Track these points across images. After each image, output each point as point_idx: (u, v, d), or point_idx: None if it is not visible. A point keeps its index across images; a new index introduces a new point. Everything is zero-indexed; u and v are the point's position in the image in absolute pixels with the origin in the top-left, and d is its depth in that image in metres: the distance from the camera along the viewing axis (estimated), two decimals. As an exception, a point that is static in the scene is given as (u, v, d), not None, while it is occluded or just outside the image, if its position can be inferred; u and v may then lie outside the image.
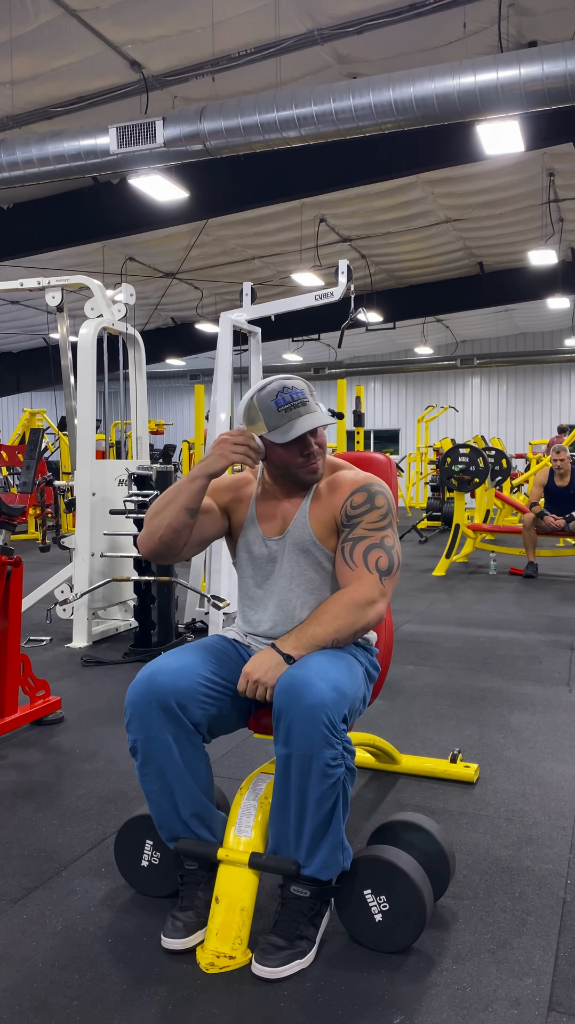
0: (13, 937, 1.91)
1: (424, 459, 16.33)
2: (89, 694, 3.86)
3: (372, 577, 1.93)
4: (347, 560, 1.96)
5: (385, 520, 1.99)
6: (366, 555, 1.95)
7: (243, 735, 2.13)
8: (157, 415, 22.96)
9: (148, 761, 1.87)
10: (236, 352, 5.80)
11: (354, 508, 1.99)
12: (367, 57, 7.16)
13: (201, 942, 1.84)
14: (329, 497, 2.03)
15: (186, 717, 1.85)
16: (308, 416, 1.94)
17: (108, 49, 6.86)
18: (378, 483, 2.04)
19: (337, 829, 1.79)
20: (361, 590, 1.92)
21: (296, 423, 1.92)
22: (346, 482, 2.03)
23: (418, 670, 4.23)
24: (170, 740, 1.85)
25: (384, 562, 1.95)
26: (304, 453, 1.97)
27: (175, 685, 1.84)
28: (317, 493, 2.05)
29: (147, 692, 1.84)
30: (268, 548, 2.06)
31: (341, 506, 2.00)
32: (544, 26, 6.91)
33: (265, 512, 2.08)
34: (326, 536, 2.02)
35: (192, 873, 1.94)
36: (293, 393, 1.95)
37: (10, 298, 13.78)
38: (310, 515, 2.02)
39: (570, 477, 7.53)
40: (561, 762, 2.96)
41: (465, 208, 11.29)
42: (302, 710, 1.71)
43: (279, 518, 2.06)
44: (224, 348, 5.63)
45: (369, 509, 1.98)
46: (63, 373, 5.58)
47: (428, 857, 1.94)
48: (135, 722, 1.86)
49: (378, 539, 1.97)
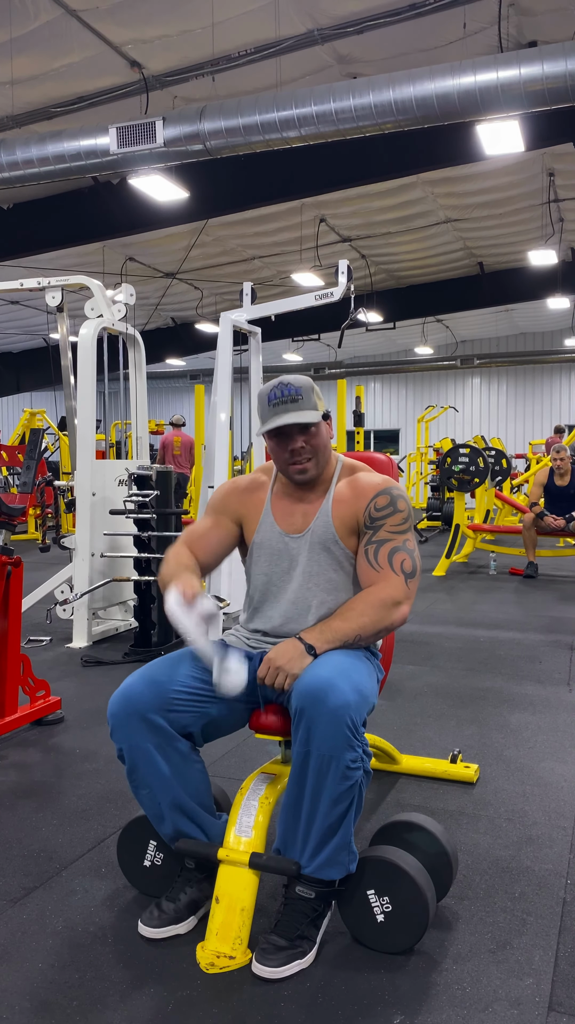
0: (13, 937, 1.91)
1: (424, 459, 16.31)
2: (89, 694, 3.86)
3: (398, 579, 1.94)
4: (372, 562, 1.96)
5: (406, 524, 2.01)
6: (391, 557, 1.95)
7: (243, 735, 2.12)
8: (157, 415, 22.93)
9: (134, 768, 1.89)
10: (236, 352, 5.81)
11: (378, 511, 1.99)
12: (367, 57, 7.16)
13: (175, 935, 1.87)
14: (352, 498, 2.03)
15: (169, 725, 1.86)
16: (291, 414, 1.95)
17: (108, 49, 6.86)
18: (398, 487, 2.06)
19: (346, 831, 1.79)
20: (388, 590, 1.92)
21: (278, 418, 1.94)
22: (368, 485, 2.04)
23: (418, 670, 4.23)
24: (152, 748, 1.86)
25: (408, 564, 1.96)
26: (288, 450, 1.97)
27: (151, 697, 1.85)
28: (338, 493, 2.05)
29: (125, 705, 1.87)
30: (286, 545, 2.05)
31: (365, 508, 2.00)
32: (544, 26, 6.91)
33: (283, 510, 2.08)
34: (346, 536, 2.02)
35: (187, 871, 1.96)
36: (287, 389, 1.96)
37: (10, 298, 13.78)
38: (333, 513, 2.03)
39: (570, 477, 7.53)
40: (561, 762, 2.96)
41: (465, 208, 11.29)
42: (326, 711, 1.71)
43: (299, 515, 2.06)
44: (224, 348, 5.63)
45: (392, 512, 1.99)
46: (63, 373, 5.57)
47: (431, 858, 1.94)
48: (117, 732, 1.88)
49: (401, 542, 1.98)
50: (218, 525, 2.12)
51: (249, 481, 2.17)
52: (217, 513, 2.15)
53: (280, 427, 1.95)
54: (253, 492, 2.14)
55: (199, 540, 2.12)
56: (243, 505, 2.13)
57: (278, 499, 2.10)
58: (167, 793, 1.89)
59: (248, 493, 2.14)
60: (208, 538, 2.11)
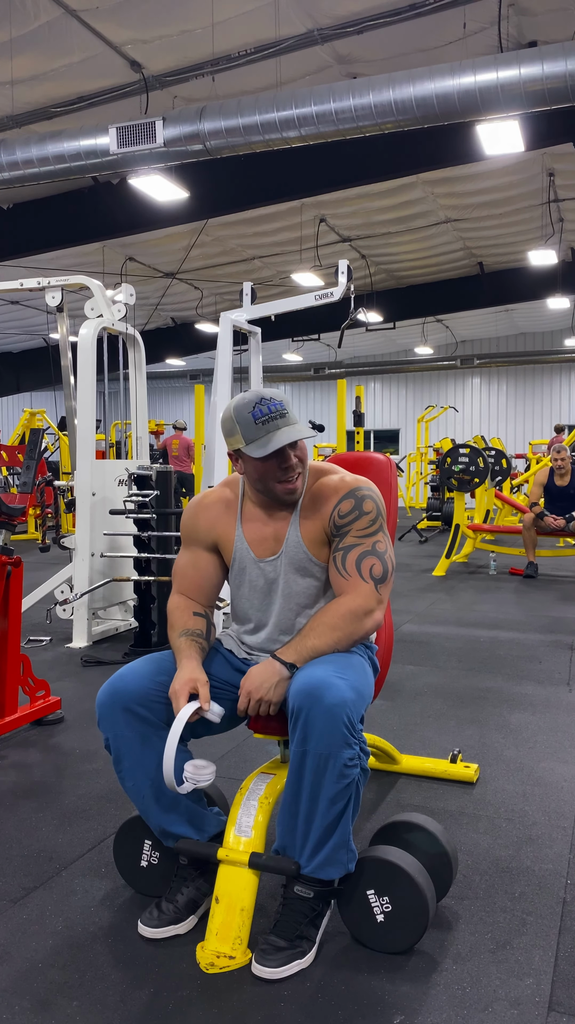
0: (13, 937, 1.91)
1: (424, 459, 16.33)
2: (89, 694, 3.86)
3: (367, 586, 1.90)
4: (340, 569, 1.93)
5: (375, 525, 1.95)
6: (359, 564, 1.91)
7: (243, 735, 2.12)
8: (157, 415, 22.96)
9: (119, 758, 1.91)
10: (236, 352, 5.80)
11: (342, 517, 1.94)
12: (367, 57, 7.16)
13: (174, 935, 1.88)
14: (315, 510, 1.97)
15: (154, 717, 1.88)
16: (287, 429, 1.86)
17: (108, 49, 6.86)
18: (365, 486, 1.98)
19: (345, 830, 1.79)
20: (358, 600, 1.89)
21: (274, 436, 1.85)
22: (330, 490, 1.97)
23: (418, 670, 4.23)
24: (137, 738, 1.88)
25: (378, 569, 1.92)
26: (283, 467, 1.89)
27: (136, 689, 1.88)
28: (303, 507, 1.99)
29: (111, 696, 1.88)
30: (263, 571, 2.02)
31: (329, 516, 1.95)
32: (544, 26, 6.91)
33: (255, 534, 2.02)
34: (318, 550, 1.98)
35: (182, 869, 1.96)
36: (271, 405, 1.87)
37: (10, 298, 13.78)
38: (302, 533, 1.98)
39: (570, 477, 7.53)
40: (561, 762, 2.96)
41: (465, 208, 11.29)
42: (323, 709, 1.70)
43: (270, 539, 2.00)
44: (224, 348, 5.63)
45: (357, 516, 1.94)
46: (63, 373, 5.57)
47: (431, 858, 1.94)
48: (103, 722, 1.90)
49: (370, 545, 1.93)
50: (198, 560, 2.07)
51: (215, 499, 2.09)
52: (191, 543, 2.09)
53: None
54: (221, 514, 2.06)
55: (190, 585, 2.08)
56: (213, 529, 2.06)
57: (248, 522, 2.03)
58: (151, 784, 1.89)
59: (217, 515, 2.06)
60: (195, 579, 2.07)
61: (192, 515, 2.10)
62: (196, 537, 2.08)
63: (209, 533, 2.07)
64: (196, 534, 2.08)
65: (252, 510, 2.03)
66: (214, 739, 1.99)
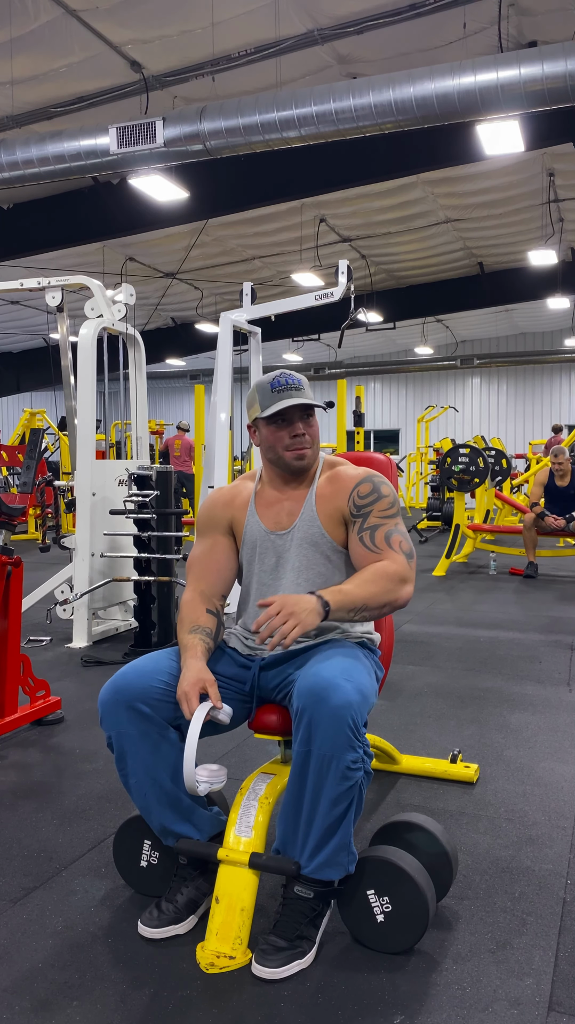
0: (13, 937, 1.91)
1: (424, 459, 16.33)
2: (89, 694, 3.86)
3: (401, 556, 1.95)
4: (369, 546, 1.96)
5: (394, 508, 2.02)
6: (388, 538, 1.96)
7: (243, 735, 2.12)
8: (157, 415, 22.96)
9: (122, 756, 1.91)
10: (236, 352, 5.81)
11: (362, 498, 2.00)
12: (367, 57, 7.16)
13: (174, 935, 1.88)
14: (333, 491, 2.04)
15: (157, 715, 1.88)
16: (296, 397, 1.99)
17: (108, 49, 6.86)
18: (379, 475, 2.07)
19: (346, 832, 1.79)
20: (394, 565, 1.92)
21: (284, 401, 1.98)
22: (347, 476, 2.05)
23: (418, 670, 4.23)
24: (139, 736, 1.88)
25: (407, 545, 1.98)
26: (292, 435, 2.00)
27: (139, 687, 1.88)
28: (320, 488, 2.06)
29: (114, 694, 1.89)
30: (273, 543, 2.06)
31: (348, 498, 2.01)
32: (544, 26, 6.91)
33: (267, 509, 2.09)
34: (333, 529, 2.03)
35: (182, 868, 1.96)
36: (289, 379, 2.01)
37: (10, 298, 13.78)
38: (317, 509, 2.04)
39: (570, 477, 7.53)
40: (561, 762, 2.96)
41: (465, 208, 11.29)
42: (328, 711, 1.70)
43: (283, 514, 2.07)
44: (224, 348, 5.63)
45: (378, 498, 2.00)
46: (63, 373, 5.58)
47: (431, 858, 1.94)
48: (106, 720, 1.91)
49: (392, 525, 1.99)
50: (215, 545, 2.12)
51: (230, 489, 2.19)
52: (209, 531, 2.15)
53: (283, 411, 1.99)
54: (236, 497, 2.16)
55: (204, 571, 2.10)
56: (229, 511, 2.14)
57: (262, 499, 2.12)
58: (154, 782, 1.89)
59: (232, 499, 2.16)
60: (211, 564, 2.11)
61: (210, 504, 2.19)
62: (213, 523, 2.15)
63: (225, 514, 2.14)
64: (213, 519, 2.15)
65: (267, 489, 2.12)
66: (214, 739, 1.99)
